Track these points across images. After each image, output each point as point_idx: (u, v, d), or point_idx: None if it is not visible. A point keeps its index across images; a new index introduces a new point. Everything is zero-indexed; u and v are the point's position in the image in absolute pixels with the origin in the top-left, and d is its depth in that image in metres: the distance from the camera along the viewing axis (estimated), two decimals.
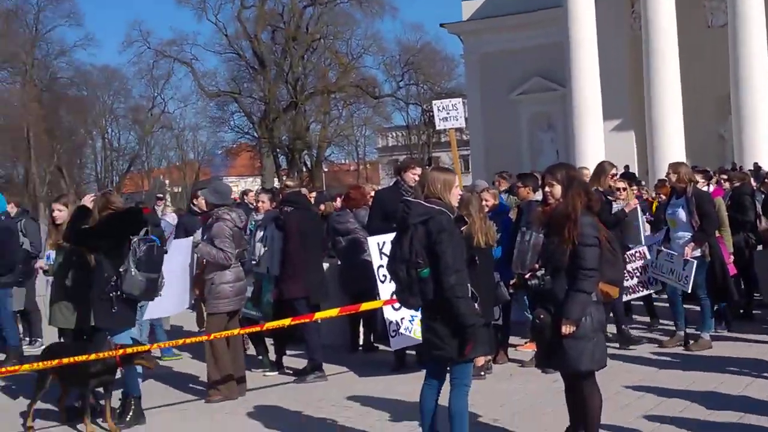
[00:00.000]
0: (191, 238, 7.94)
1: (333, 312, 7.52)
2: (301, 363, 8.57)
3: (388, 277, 7.74)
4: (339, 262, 9.60)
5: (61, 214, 7.60)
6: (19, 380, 8.33)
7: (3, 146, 48.56)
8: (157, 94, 54.47)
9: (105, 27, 76.87)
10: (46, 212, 34.39)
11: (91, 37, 75.26)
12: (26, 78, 48.97)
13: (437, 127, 12.54)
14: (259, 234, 8.46)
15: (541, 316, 5.17)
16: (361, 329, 9.64)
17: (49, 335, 9.05)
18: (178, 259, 7.90)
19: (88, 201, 7.06)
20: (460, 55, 38.09)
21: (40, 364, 6.62)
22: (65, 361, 6.33)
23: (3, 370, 7.96)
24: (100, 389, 6.71)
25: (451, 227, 5.08)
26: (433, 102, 13.18)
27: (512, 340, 8.90)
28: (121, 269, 6.54)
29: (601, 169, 9.06)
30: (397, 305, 7.51)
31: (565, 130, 27.89)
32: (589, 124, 25.54)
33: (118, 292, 6.55)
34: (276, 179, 41.54)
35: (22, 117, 47.01)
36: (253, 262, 8.36)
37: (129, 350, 6.48)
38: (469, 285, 5.09)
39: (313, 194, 11.93)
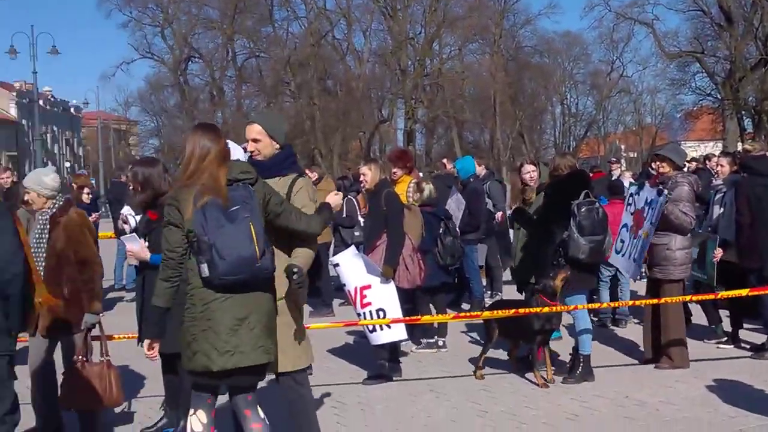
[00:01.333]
0: (665, 193, 7.26)
1: None
2: (761, 338, 8.06)
3: None
4: None
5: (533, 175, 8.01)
6: (479, 329, 9.12)
7: (473, 113, 52.61)
8: (616, 58, 54.24)
9: None
10: (508, 175, 36.54)
11: (555, 4, 77.11)
12: (494, 48, 52.14)
13: None
14: (718, 197, 8.16)
15: None
16: None
17: (508, 292, 9.74)
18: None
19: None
20: None
21: (487, 313, 7.23)
22: (500, 314, 6.90)
23: (463, 315, 8.94)
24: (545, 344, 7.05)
25: None
26: None
27: None
28: (565, 234, 6.77)
29: None
30: None
31: None
32: None
33: (564, 258, 6.80)
34: (740, 143, 38.76)
35: (490, 85, 50.43)
36: (709, 229, 8.07)
37: (547, 309, 6.71)
38: None
39: None
